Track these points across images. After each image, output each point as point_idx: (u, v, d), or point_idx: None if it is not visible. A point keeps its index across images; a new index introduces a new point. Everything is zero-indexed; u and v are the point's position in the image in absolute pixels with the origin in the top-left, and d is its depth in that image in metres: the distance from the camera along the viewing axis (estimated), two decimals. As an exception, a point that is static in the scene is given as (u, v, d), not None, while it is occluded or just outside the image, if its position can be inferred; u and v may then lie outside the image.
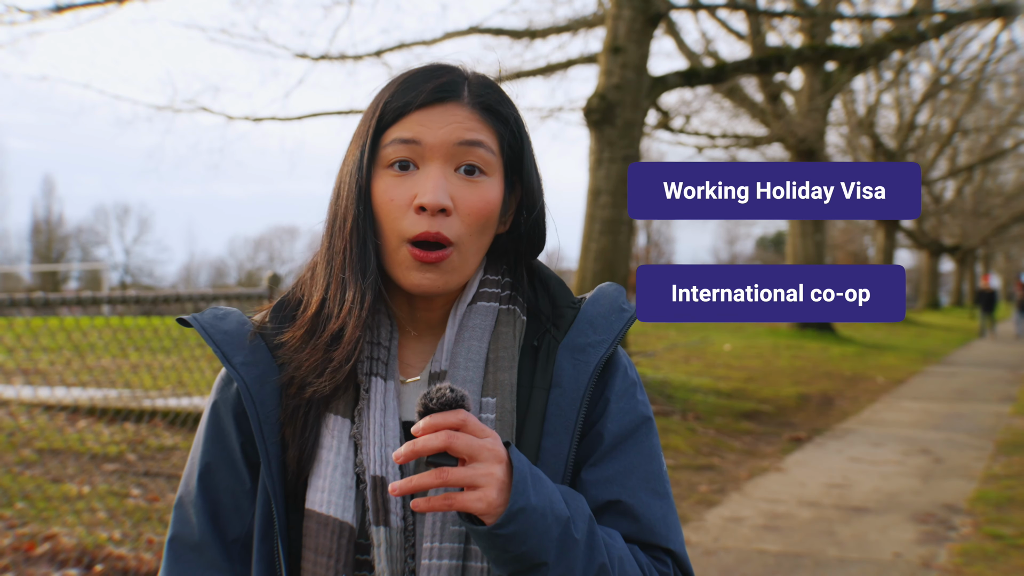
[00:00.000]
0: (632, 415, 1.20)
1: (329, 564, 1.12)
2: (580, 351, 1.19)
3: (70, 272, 50.03)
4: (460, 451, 1.00)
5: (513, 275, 1.26)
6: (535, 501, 1.02)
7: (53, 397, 7.61)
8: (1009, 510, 6.06)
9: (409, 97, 1.16)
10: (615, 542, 1.11)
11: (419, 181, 1.14)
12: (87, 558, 4.17)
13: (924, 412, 10.76)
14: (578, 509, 1.08)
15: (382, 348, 1.19)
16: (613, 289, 1.26)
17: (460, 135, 1.14)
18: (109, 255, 55.98)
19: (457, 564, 1.10)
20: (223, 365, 1.19)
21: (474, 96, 1.17)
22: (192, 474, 1.21)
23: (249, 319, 1.24)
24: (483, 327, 1.20)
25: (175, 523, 1.21)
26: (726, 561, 4.93)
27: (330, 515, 1.12)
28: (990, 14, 12.55)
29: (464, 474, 1.00)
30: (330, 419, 1.16)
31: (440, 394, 1.02)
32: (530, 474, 1.04)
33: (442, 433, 1.00)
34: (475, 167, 1.15)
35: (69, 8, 10.84)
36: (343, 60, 14.17)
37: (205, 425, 1.23)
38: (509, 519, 1.00)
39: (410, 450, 1.00)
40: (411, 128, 1.14)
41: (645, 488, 1.18)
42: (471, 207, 1.15)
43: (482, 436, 1.02)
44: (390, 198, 1.14)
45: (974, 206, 39.22)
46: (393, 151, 1.15)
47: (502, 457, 1.03)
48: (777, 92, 18.79)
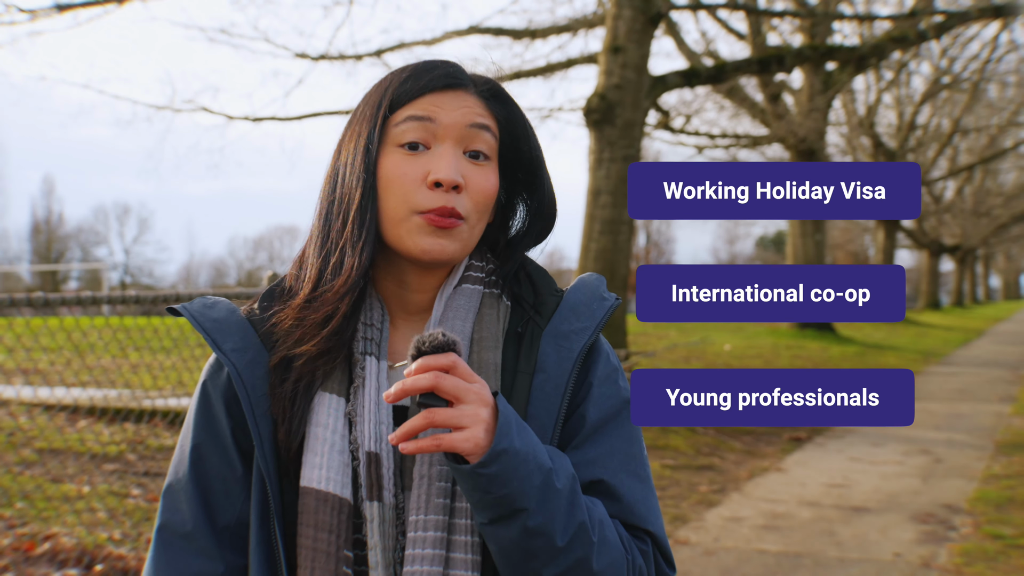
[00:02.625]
0: (614, 399, 1.23)
1: (331, 540, 1.13)
2: (564, 337, 1.22)
3: (70, 272, 50.05)
4: (447, 391, 1.04)
5: (498, 262, 1.29)
6: (519, 445, 1.05)
7: (53, 397, 7.61)
8: (1009, 510, 6.06)
9: (423, 80, 1.20)
10: (596, 508, 1.14)
11: (432, 159, 1.18)
12: (87, 558, 4.17)
13: (924, 412, 10.76)
14: (561, 465, 1.11)
15: (375, 329, 1.22)
16: (594, 278, 1.29)
17: (472, 118, 1.20)
18: (109, 255, 56.04)
19: (441, 536, 1.12)
20: (213, 352, 1.21)
21: (479, 86, 1.24)
22: (183, 460, 1.22)
23: (239, 308, 1.27)
24: (467, 308, 1.23)
25: (164, 510, 1.22)
26: (726, 561, 4.93)
27: (329, 491, 1.14)
28: (990, 14, 12.56)
29: (451, 414, 1.04)
30: (325, 397, 1.18)
31: (432, 337, 1.06)
32: (515, 421, 1.07)
33: (431, 373, 1.04)
34: (480, 152, 1.21)
35: (69, 8, 10.84)
36: (343, 60, 14.18)
37: (195, 411, 1.24)
38: (493, 458, 1.03)
39: (399, 389, 1.04)
40: (425, 107, 1.19)
41: (626, 470, 1.21)
42: (479, 187, 1.20)
43: (471, 380, 1.06)
44: (403, 172, 1.18)
45: (974, 206, 39.22)
46: (405, 129, 1.19)
47: (488, 401, 1.07)
48: (777, 92, 18.79)
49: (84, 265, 50.14)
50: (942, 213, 38.21)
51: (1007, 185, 41.55)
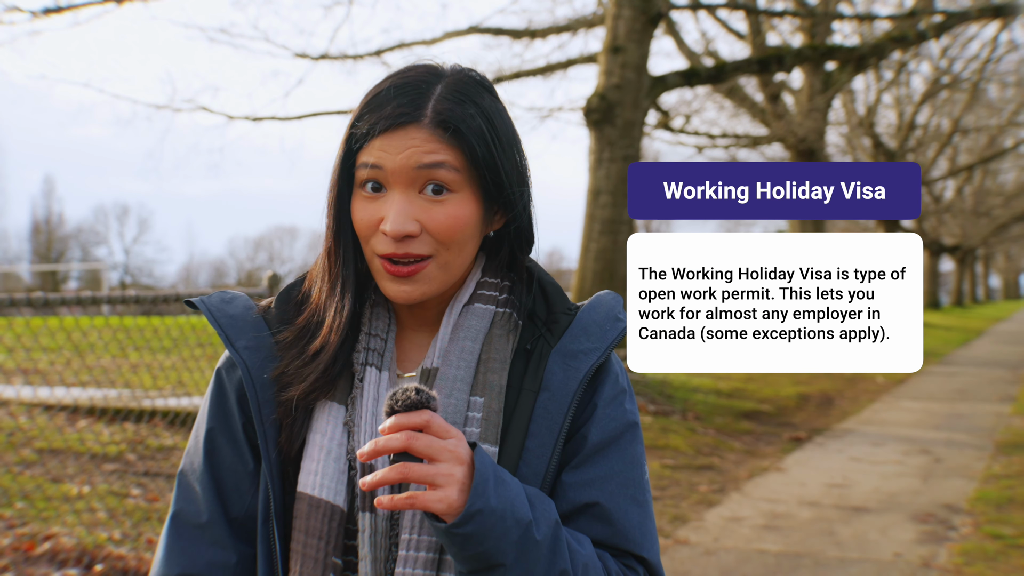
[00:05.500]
0: (618, 422, 1.21)
1: (320, 546, 1.14)
2: (572, 357, 1.21)
3: (70, 272, 50.03)
4: (420, 452, 1.03)
5: (511, 277, 1.27)
6: (494, 503, 1.04)
7: (53, 397, 7.61)
8: (1009, 510, 6.06)
9: (372, 121, 1.16)
10: (582, 548, 1.12)
11: (385, 205, 1.16)
12: (87, 558, 4.17)
13: (924, 412, 10.76)
14: (543, 512, 1.09)
15: (379, 340, 1.22)
16: (611, 298, 1.27)
17: (418, 159, 1.14)
18: (109, 255, 56.03)
19: (433, 557, 1.12)
20: (226, 348, 1.21)
21: (436, 115, 1.15)
22: (197, 449, 1.23)
23: (256, 304, 1.28)
24: (478, 328, 1.21)
25: (179, 498, 1.23)
26: (726, 561, 4.93)
27: (322, 498, 1.15)
28: (990, 14, 12.56)
29: (424, 472, 1.03)
30: (326, 405, 1.18)
31: (405, 396, 1.05)
32: (493, 476, 1.05)
33: (403, 434, 1.03)
34: (441, 186, 1.15)
35: (69, 8, 10.85)
36: (343, 60, 14.17)
37: (209, 398, 1.25)
38: (466, 519, 1.02)
39: (372, 449, 1.03)
40: (374, 154, 1.16)
41: (624, 494, 1.19)
42: (439, 226, 1.15)
43: (445, 437, 1.05)
44: (361, 218, 1.17)
45: (974, 206, 39.22)
46: (363, 174, 1.17)
47: (463, 459, 1.05)
48: (777, 92, 18.78)
49: (84, 265, 50.15)
50: (942, 213, 38.19)
51: (1007, 185, 41.55)
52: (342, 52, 14.11)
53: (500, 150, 1.18)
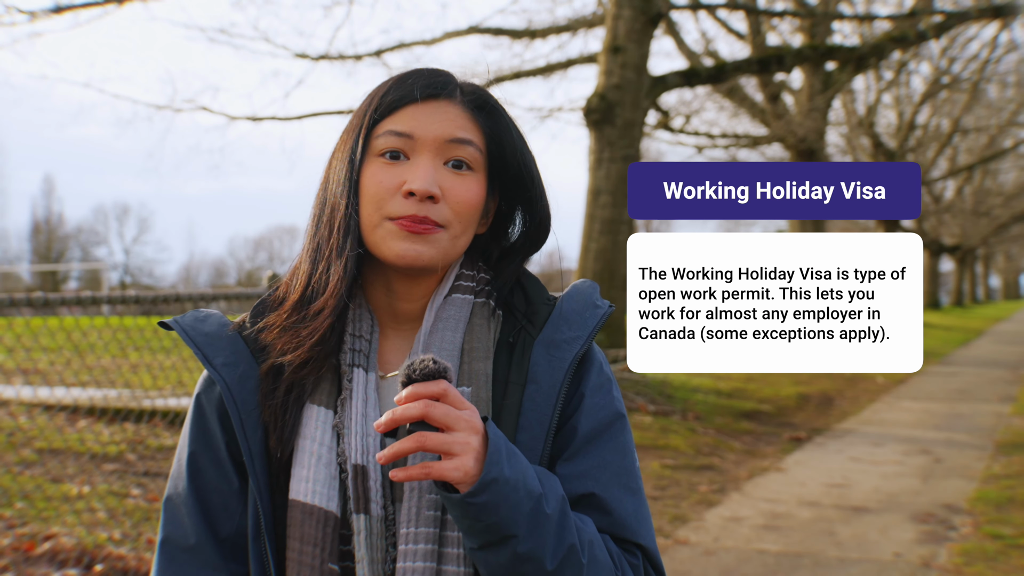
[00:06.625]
0: (606, 411, 1.22)
1: (315, 553, 1.13)
2: (555, 347, 1.21)
3: (70, 272, 50.05)
4: (437, 420, 1.03)
5: (491, 272, 1.28)
6: (508, 473, 1.05)
7: (53, 397, 7.61)
8: (1009, 510, 6.05)
9: (405, 91, 1.19)
10: (586, 527, 1.14)
11: (409, 169, 1.17)
12: (87, 558, 4.16)
13: (924, 412, 10.76)
14: (551, 488, 1.10)
15: (363, 340, 1.21)
16: (587, 286, 1.28)
17: (451, 132, 1.18)
18: (109, 255, 56.04)
19: (432, 548, 1.12)
20: (204, 366, 1.20)
21: (466, 96, 1.21)
22: (181, 473, 1.22)
23: (231, 322, 1.26)
24: (458, 318, 1.22)
25: (166, 524, 1.22)
26: (726, 561, 4.93)
27: (315, 504, 1.14)
28: (990, 14, 12.56)
29: (441, 440, 1.03)
30: (312, 410, 1.18)
31: (423, 365, 1.05)
32: (505, 448, 1.07)
33: (420, 402, 1.03)
34: (462, 161, 1.19)
35: (69, 8, 10.85)
36: (343, 60, 14.19)
37: (190, 424, 1.24)
38: (482, 488, 1.03)
39: (390, 418, 1.03)
40: (405, 122, 1.18)
41: (617, 483, 1.20)
42: (459, 196, 1.18)
43: (461, 408, 1.06)
44: (379, 180, 1.17)
45: (974, 206, 39.20)
46: (385, 141, 1.18)
47: (478, 428, 1.06)
48: (777, 92, 18.79)
49: (84, 265, 50.15)
50: (942, 213, 38.19)
51: (1007, 185, 41.52)
52: (342, 52, 14.14)
53: (522, 145, 1.25)
